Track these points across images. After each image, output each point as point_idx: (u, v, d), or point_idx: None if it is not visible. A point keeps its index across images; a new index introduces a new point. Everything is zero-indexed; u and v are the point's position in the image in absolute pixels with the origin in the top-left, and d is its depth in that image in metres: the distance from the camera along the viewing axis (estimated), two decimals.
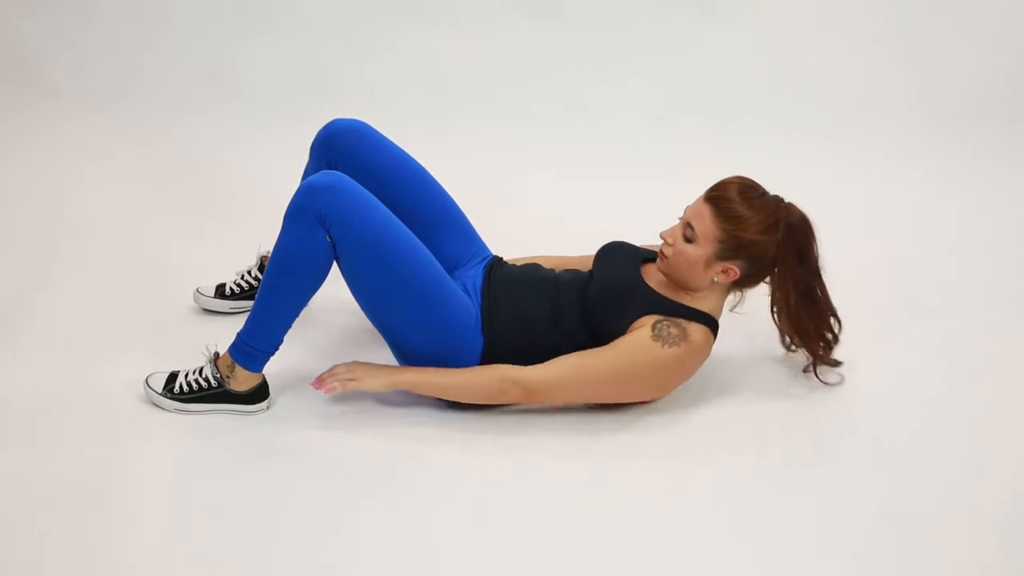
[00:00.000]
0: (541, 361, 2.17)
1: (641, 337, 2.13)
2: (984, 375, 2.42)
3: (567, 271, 2.35)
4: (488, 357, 2.19)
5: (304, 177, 2.43)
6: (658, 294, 2.20)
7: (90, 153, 3.45)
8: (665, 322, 2.14)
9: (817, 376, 2.33)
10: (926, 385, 2.38)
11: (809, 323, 2.26)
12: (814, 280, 2.21)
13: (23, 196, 3.16)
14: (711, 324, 2.20)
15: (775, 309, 2.27)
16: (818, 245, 2.19)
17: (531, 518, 1.97)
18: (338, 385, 2.16)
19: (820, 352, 2.30)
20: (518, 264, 2.40)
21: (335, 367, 2.20)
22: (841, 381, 2.35)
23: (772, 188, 2.21)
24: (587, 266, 2.40)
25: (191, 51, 3.87)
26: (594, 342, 2.18)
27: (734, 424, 2.24)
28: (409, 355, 2.22)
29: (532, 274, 2.31)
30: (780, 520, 1.98)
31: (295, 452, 2.13)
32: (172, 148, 3.48)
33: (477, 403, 2.19)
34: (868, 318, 2.63)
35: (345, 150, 2.36)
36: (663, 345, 2.12)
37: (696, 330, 2.16)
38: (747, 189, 2.15)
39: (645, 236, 2.56)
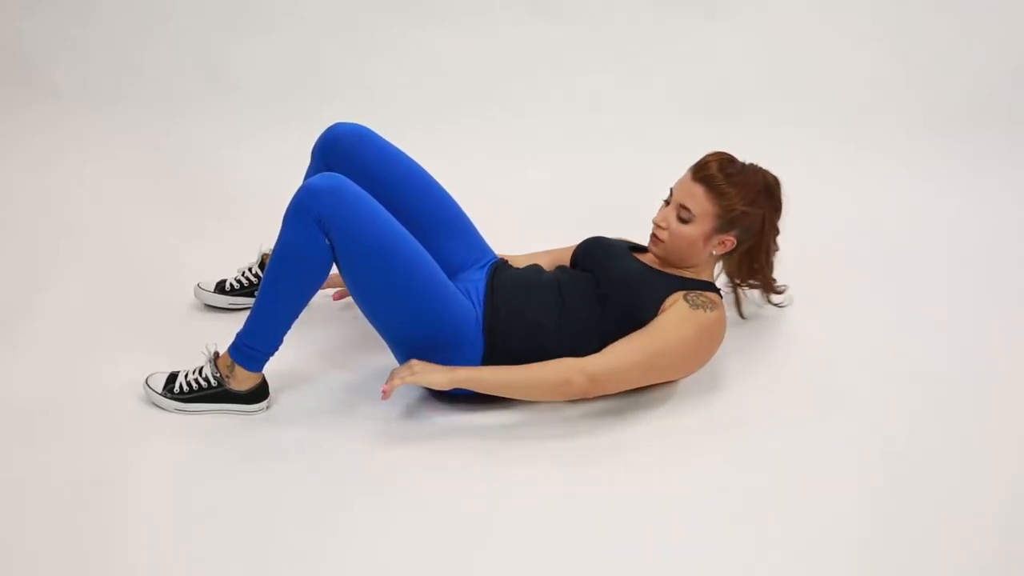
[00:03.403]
0: None
1: (681, 310, 2.20)
2: (985, 375, 2.42)
3: (558, 270, 2.36)
4: (488, 360, 2.19)
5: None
6: (669, 275, 2.28)
7: (90, 153, 3.44)
8: (691, 294, 2.23)
9: (773, 302, 2.55)
10: (926, 385, 2.38)
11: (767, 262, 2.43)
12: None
13: (23, 196, 3.16)
14: (717, 290, 2.32)
15: (732, 252, 2.36)
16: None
17: (529, 518, 1.97)
18: (398, 381, 2.11)
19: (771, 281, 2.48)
20: (519, 266, 2.40)
21: (394, 370, 2.16)
22: (790, 301, 2.57)
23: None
24: (566, 259, 2.47)
25: (191, 51, 3.87)
26: (615, 338, 2.19)
27: (733, 419, 2.25)
28: (408, 357, 2.21)
29: (534, 278, 2.31)
30: (779, 519, 1.98)
31: (295, 452, 2.13)
32: (172, 148, 3.48)
33: (538, 400, 2.21)
34: (867, 318, 2.63)
35: (346, 154, 2.36)
36: (704, 311, 2.20)
37: (714, 297, 2.27)
38: (728, 163, 2.26)
39: (644, 235, 2.55)
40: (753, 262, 2.41)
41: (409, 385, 2.19)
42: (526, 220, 3.05)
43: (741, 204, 2.24)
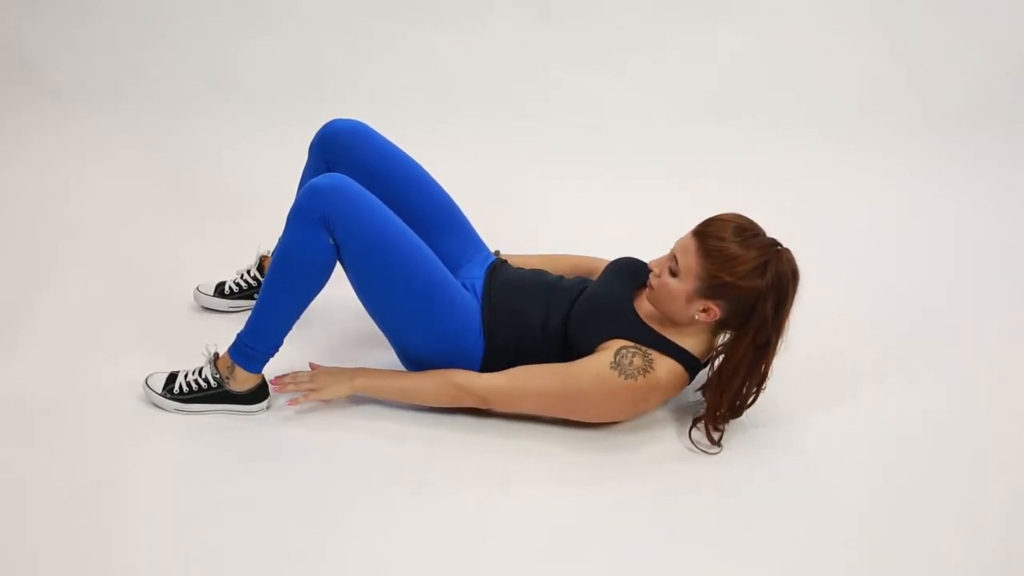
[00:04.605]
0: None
1: (599, 361, 2.07)
2: (985, 374, 2.43)
3: (575, 279, 2.32)
4: (490, 357, 2.19)
5: (303, 177, 2.43)
6: (640, 321, 2.13)
7: (90, 153, 3.45)
8: (632, 350, 2.07)
9: (696, 432, 2.15)
10: (926, 385, 2.38)
11: (743, 378, 2.09)
12: (775, 336, 2.06)
13: (23, 196, 3.16)
14: (687, 361, 2.11)
15: (719, 350, 2.12)
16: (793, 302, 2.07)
17: (529, 519, 1.97)
18: (301, 397, 2.19)
19: (721, 414, 2.13)
20: (524, 268, 2.39)
21: (298, 372, 2.23)
22: (713, 449, 2.12)
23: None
24: (598, 272, 2.39)
25: (191, 51, 3.87)
26: (566, 355, 2.16)
27: (734, 420, 2.25)
28: (412, 354, 2.22)
29: (533, 278, 2.30)
30: (779, 519, 1.98)
31: (295, 452, 2.13)
32: (172, 148, 3.48)
33: (439, 406, 2.20)
34: (867, 318, 2.63)
35: (344, 151, 2.36)
36: (619, 374, 2.05)
37: (664, 365, 2.08)
38: (741, 229, 2.03)
39: (644, 235, 2.56)
40: (729, 360, 2.08)
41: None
42: (526, 220, 3.04)
43: (728, 274, 2.00)
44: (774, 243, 2.06)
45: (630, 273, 2.27)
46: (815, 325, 2.58)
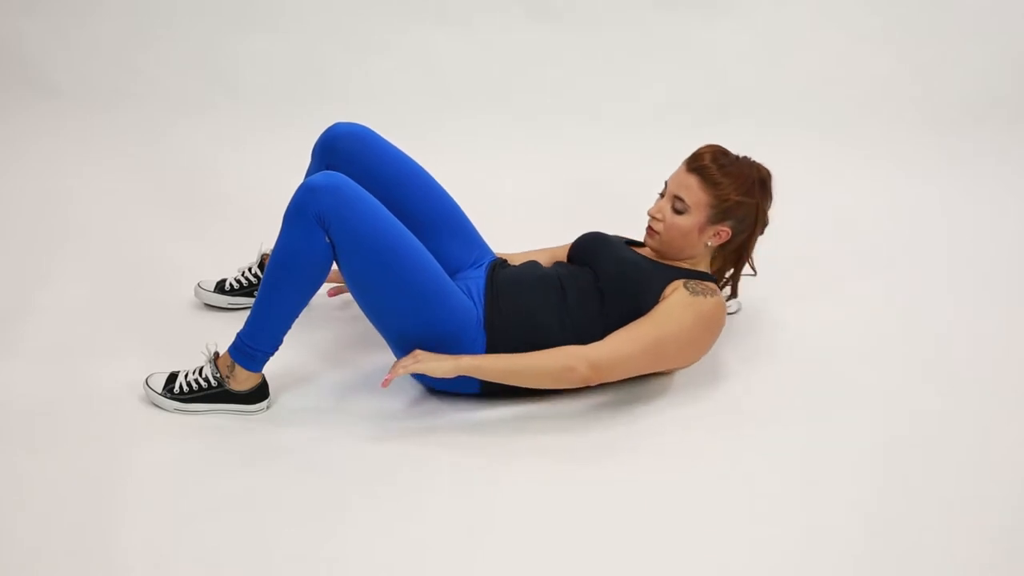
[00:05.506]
0: None
1: (682, 297, 2.21)
2: (984, 373, 2.42)
3: (557, 265, 2.37)
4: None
5: None
6: (667, 265, 2.30)
7: (90, 153, 3.45)
8: (691, 282, 2.24)
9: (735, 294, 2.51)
10: (927, 384, 2.39)
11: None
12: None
13: (23, 196, 3.17)
14: (716, 281, 2.34)
15: (727, 244, 2.35)
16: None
17: (529, 519, 1.97)
18: (401, 371, 2.12)
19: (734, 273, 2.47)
20: (517, 264, 2.41)
21: (398, 360, 2.17)
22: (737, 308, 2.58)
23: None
24: (563, 255, 2.48)
25: (191, 51, 3.87)
26: (598, 336, 2.20)
27: (732, 416, 2.25)
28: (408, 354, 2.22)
29: (533, 273, 2.31)
30: (780, 517, 1.98)
31: (295, 452, 2.13)
32: (172, 148, 3.48)
33: (540, 387, 2.20)
34: (867, 317, 2.63)
35: (347, 154, 2.36)
36: (704, 298, 2.22)
37: (714, 286, 2.29)
38: (720, 155, 2.28)
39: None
40: (741, 254, 2.41)
41: (412, 382, 2.20)
42: (526, 220, 3.05)
43: (735, 194, 2.25)
44: (747, 158, 2.33)
45: (612, 241, 2.39)
46: (814, 324, 2.59)
